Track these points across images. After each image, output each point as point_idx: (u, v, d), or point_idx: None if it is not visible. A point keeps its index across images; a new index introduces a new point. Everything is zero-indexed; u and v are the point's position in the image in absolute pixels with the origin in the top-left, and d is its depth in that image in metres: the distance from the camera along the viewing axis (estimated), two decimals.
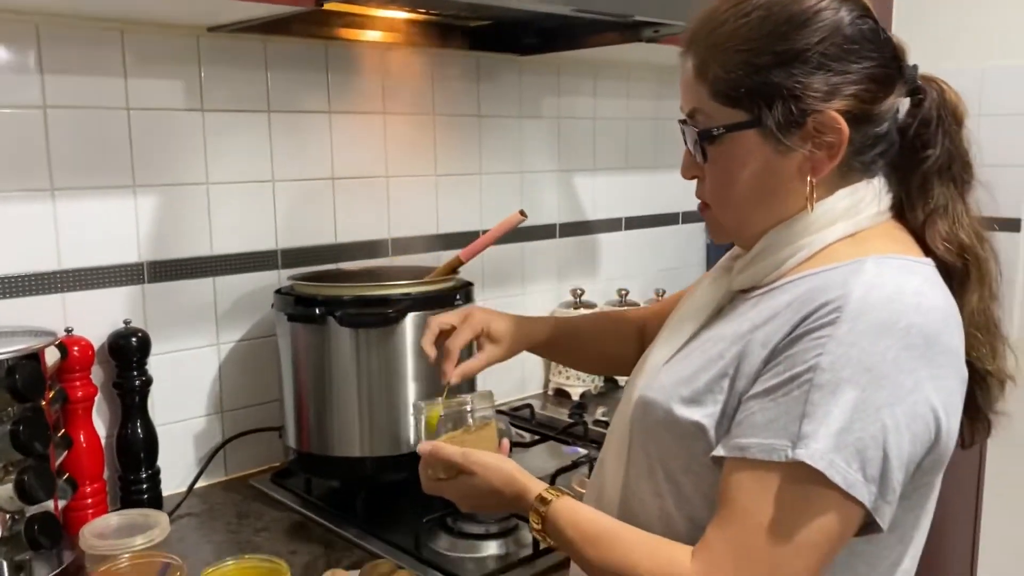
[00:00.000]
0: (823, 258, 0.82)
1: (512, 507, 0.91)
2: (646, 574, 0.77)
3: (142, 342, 1.31)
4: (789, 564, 0.73)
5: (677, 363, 0.87)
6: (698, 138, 0.84)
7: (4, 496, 1.07)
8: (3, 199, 1.22)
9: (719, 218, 0.89)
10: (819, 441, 0.71)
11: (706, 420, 0.80)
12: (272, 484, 1.44)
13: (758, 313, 0.82)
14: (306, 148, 1.53)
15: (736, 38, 0.81)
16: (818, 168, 0.82)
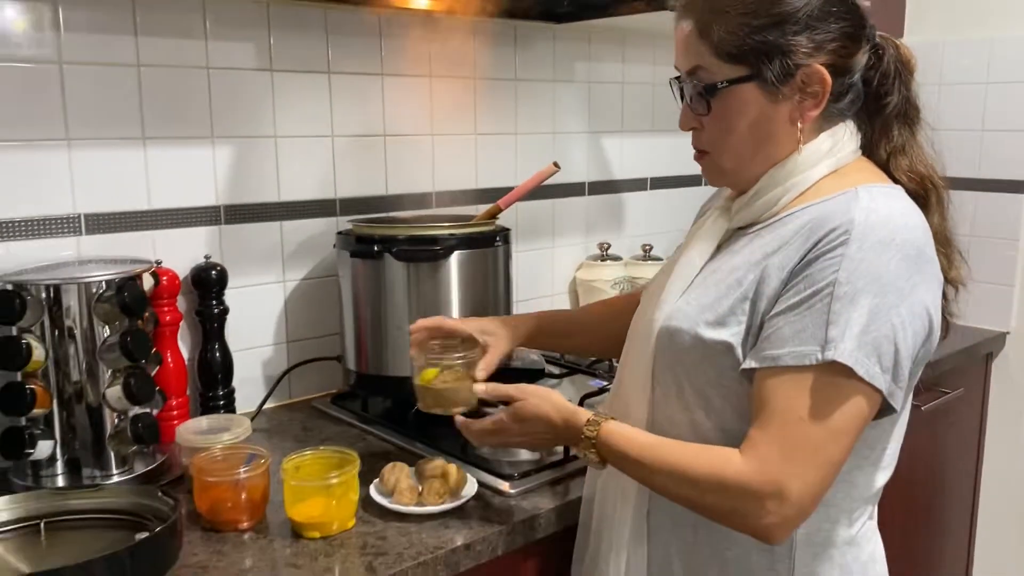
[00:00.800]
0: (814, 192, 0.97)
1: (563, 434, 1.04)
2: (702, 473, 0.91)
3: (220, 275, 1.49)
4: (826, 448, 0.88)
5: (693, 294, 1.00)
6: (703, 92, 0.97)
7: (113, 397, 1.25)
8: (103, 145, 1.39)
9: (719, 163, 1.01)
10: (846, 342, 0.86)
11: (732, 339, 0.94)
12: (332, 405, 1.62)
13: (767, 243, 0.97)
14: (361, 107, 1.69)
15: (736, 3, 0.94)
16: (805, 115, 0.97)
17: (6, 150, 1.30)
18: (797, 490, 0.87)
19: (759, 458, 0.89)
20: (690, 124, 1.02)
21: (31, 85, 1.31)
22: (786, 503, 0.87)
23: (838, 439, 0.88)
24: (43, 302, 1.22)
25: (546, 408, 1.05)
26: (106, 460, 1.27)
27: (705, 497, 0.92)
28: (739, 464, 0.90)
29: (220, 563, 1.06)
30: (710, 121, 0.99)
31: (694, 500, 0.94)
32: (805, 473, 0.88)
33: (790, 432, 0.88)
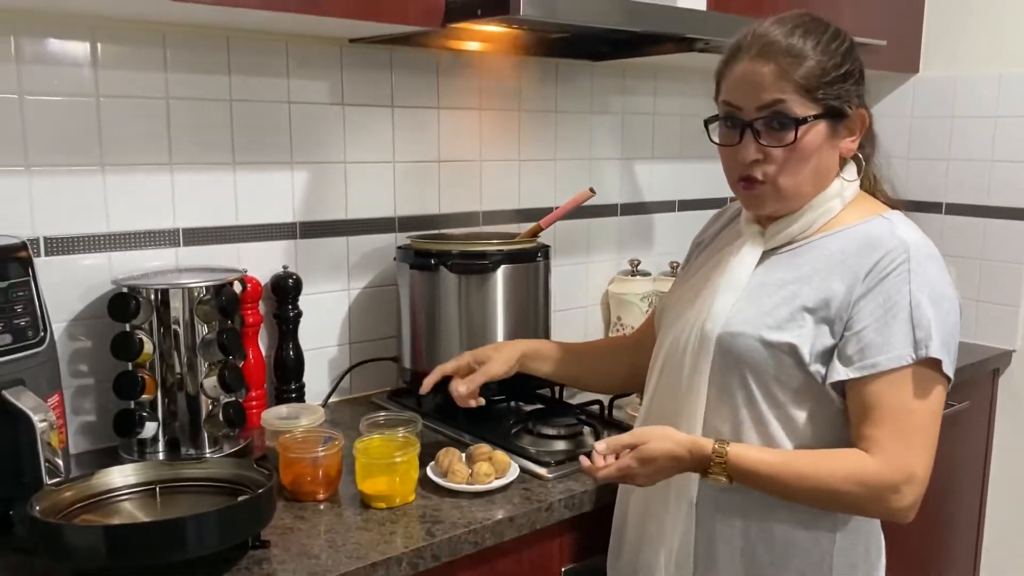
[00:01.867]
0: (839, 219, 1.18)
1: (691, 464, 1.13)
2: (841, 476, 1.07)
3: (296, 283, 1.70)
4: (931, 430, 1.09)
5: (745, 305, 1.16)
6: (789, 123, 1.10)
7: (209, 386, 1.46)
8: (199, 169, 1.61)
9: (779, 190, 1.14)
10: (933, 340, 1.07)
11: (795, 340, 1.11)
12: (388, 400, 1.82)
13: (811, 260, 1.15)
14: (419, 136, 1.90)
15: (826, 53, 1.12)
16: (847, 152, 1.18)
17: (122, 172, 1.53)
18: (922, 470, 1.07)
19: (887, 453, 1.07)
20: (754, 155, 1.13)
21: (143, 117, 1.54)
22: (916, 484, 1.07)
23: (936, 420, 1.09)
24: (152, 303, 1.44)
25: (669, 446, 1.13)
26: (200, 440, 1.48)
27: (844, 496, 1.09)
28: (870, 462, 1.07)
29: (303, 526, 1.26)
30: (785, 152, 1.12)
31: (833, 499, 1.10)
32: (923, 455, 1.08)
33: (903, 424, 1.07)
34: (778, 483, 1.11)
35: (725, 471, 1.11)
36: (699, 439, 1.14)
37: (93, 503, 1.20)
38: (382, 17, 1.43)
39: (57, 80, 1.45)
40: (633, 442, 1.15)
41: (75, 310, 1.51)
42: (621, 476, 1.17)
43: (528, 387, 1.76)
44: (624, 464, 1.15)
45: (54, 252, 1.48)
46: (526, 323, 1.72)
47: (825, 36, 1.14)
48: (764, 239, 1.21)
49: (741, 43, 1.16)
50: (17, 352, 1.21)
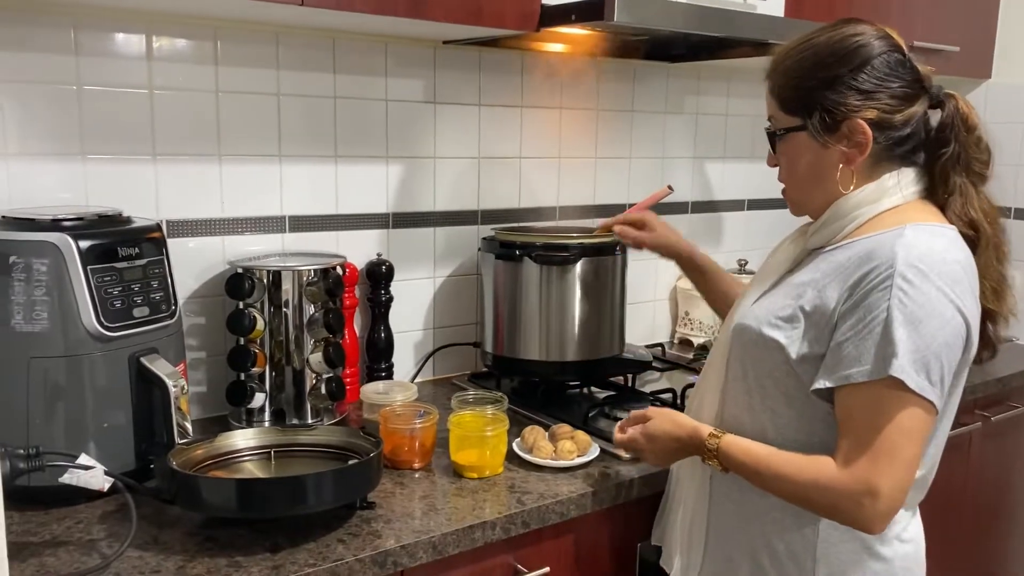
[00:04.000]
0: (874, 225, 1.14)
1: (688, 447, 1.22)
2: (806, 479, 1.09)
3: (389, 270, 1.81)
4: (903, 448, 1.05)
5: (766, 300, 1.20)
6: (772, 136, 1.20)
7: (315, 361, 1.58)
8: (304, 161, 1.73)
9: (790, 194, 1.23)
10: (900, 359, 1.03)
11: (783, 339, 1.13)
12: (469, 383, 1.93)
13: (826, 265, 1.15)
14: (503, 133, 2.00)
15: (795, 67, 1.17)
16: (851, 160, 1.14)
17: (236, 162, 1.66)
18: (887, 486, 1.05)
19: (850, 464, 1.06)
20: (773, 162, 1.25)
21: (256, 111, 1.66)
22: (878, 499, 1.05)
23: (911, 439, 1.05)
24: (265, 284, 1.56)
25: (670, 427, 1.24)
26: (304, 411, 1.61)
27: (810, 499, 1.11)
28: (834, 470, 1.07)
29: (403, 491, 1.37)
30: (780, 160, 1.22)
31: (801, 501, 1.12)
32: (890, 470, 1.05)
33: (870, 439, 1.05)
34: (759, 478, 1.15)
35: (717, 459, 1.19)
36: (700, 426, 1.22)
37: (219, 461, 1.33)
38: (481, 21, 1.53)
39: (183, 76, 1.58)
40: (646, 416, 1.30)
41: (191, 288, 1.65)
42: (629, 446, 1.33)
43: (602, 374, 1.86)
44: (632, 436, 1.31)
45: (175, 234, 1.61)
46: (602, 314, 1.81)
47: (812, 47, 1.16)
48: (805, 239, 1.24)
49: None
50: (153, 323, 1.34)
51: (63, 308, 1.24)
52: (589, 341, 1.79)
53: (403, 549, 1.20)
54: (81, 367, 1.26)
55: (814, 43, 1.16)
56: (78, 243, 1.25)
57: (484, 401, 1.57)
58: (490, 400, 1.57)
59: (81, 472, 1.14)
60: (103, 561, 1.12)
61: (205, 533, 1.21)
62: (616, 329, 1.84)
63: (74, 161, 1.50)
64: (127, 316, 1.30)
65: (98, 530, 1.22)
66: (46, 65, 1.46)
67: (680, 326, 2.40)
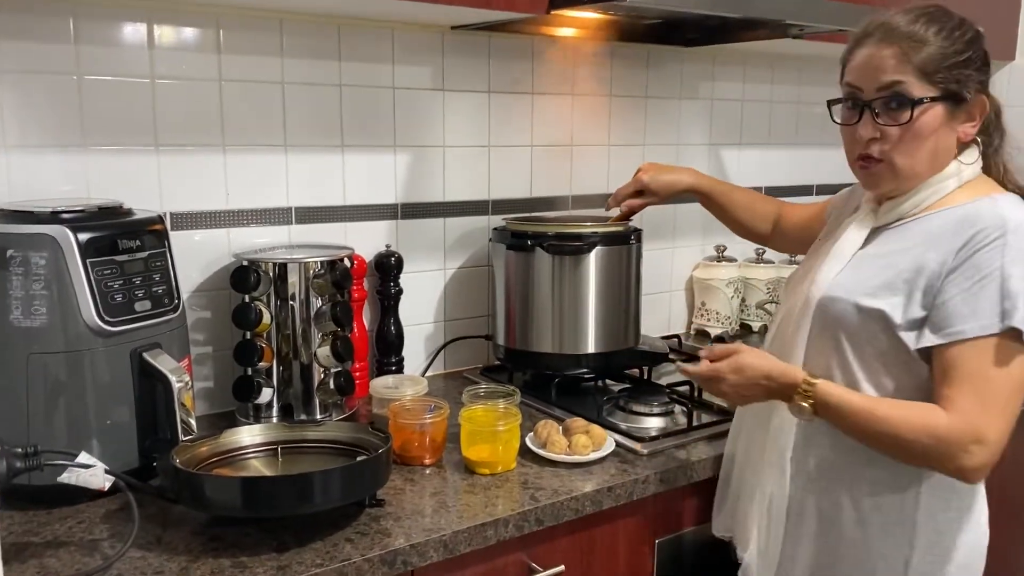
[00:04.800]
0: (949, 199, 1.21)
1: (779, 386, 1.21)
2: (915, 425, 1.12)
3: (398, 262, 1.78)
4: (1011, 399, 1.11)
5: (847, 274, 1.24)
6: (906, 104, 1.16)
7: (323, 355, 1.55)
8: (310, 151, 1.70)
9: (896, 168, 1.19)
10: (1019, 311, 1.09)
11: (886, 307, 1.17)
12: (481, 376, 1.89)
13: (913, 235, 1.20)
14: (513, 121, 1.95)
15: (947, 39, 1.16)
16: (965, 136, 1.21)
17: (241, 153, 1.62)
18: (994, 435, 1.10)
19: (961, 411, 1.10)
20: (871, 133, 1.19)
21: (261, 100, 1.63)
22: (985, 446, 1.10)
23: (1017, 391, 1.12)
24: (271, 276, 1.52)
25: (762, 362, 1.24)
26: (312, 407, 1.57)
27: (916, 446, 1.12)
28: (944, 417, 1.11)
29: (413, 488, 1.33)
30: (902, 131, 1.17)
31: (905, 448, 1.14)
32: (998, 420, 1.10)
33: (980, 388, 1.10)
34: (857, 422, 1.16)
35: (811, 400, 1.18)
36: (792, 366, 1.23)
37: (224, 458, 1.29)
38: (491, 4, 1.49)
39: (185, 65, 1.55)
40: (736, 349, 1.27)
41: (196, 282, 1.61)
42: (711, 377, 1.27)
43: (616, 366, 1.81)
44: (716, 366, 1.26)
45: (179, 227, 1.58)
46: (617, 305, 1.77)
47: (949, 24, 1.18)
48: (876, 216, 1.27)
49: (867, 30, 1.22)
50: (155, 318, 1.30)
51: (62, 302, 1.20)
52: (604, 333, 1.74)
53: (413, 548, 1.16)
54: (82, 363, 1.23)
55: (960, 20, 1.19)
56: (77, 236, 1.21)
57: (496, 395, 1.53)
58: (502, 394, 1.53)
59: (81, 471, 1.11)
60: (105, 562, 1.09)
61: (210, 532, 1.18)
62: (631, 320, 1.80)
63: (75, 153, 1.47)
64: (128, 310, 1.26)
65: (101, 530, 1.19)
66: (45, 55, 1.42)
67: (696, 317, 2.35)
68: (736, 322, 2.32)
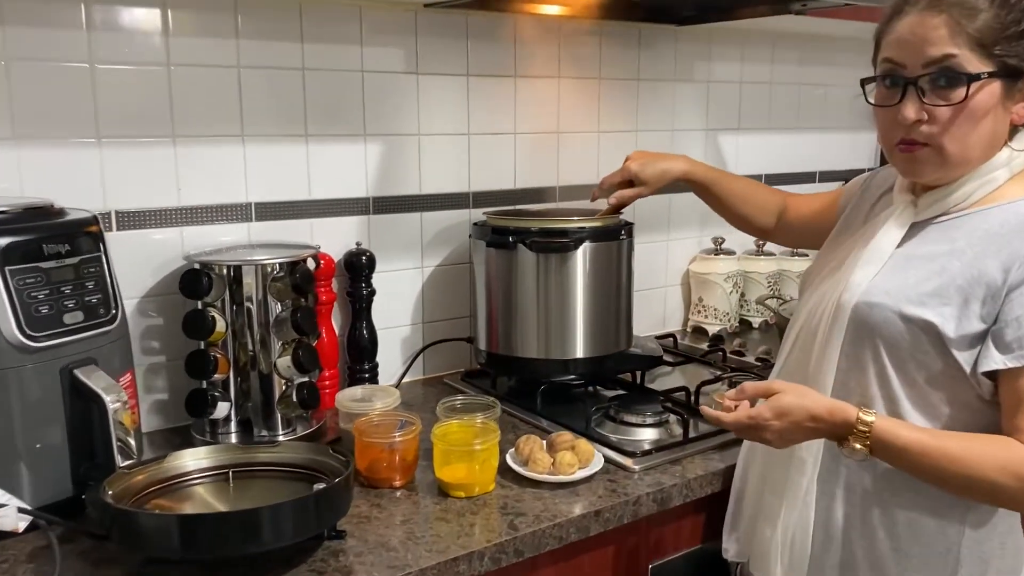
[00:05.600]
0: (1001, 192, 1.07)
1: (829, 427, 1.04)
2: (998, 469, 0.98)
3: (370, 260, 1.64)
4: None
5: (887, 276, 1.09)
6: (961, 79, 1.01)
7: (283, 366, 1.41)
8: (270, 141, 1.56)
9: (945, 153, 1.05)
10: None
11: (936, 318, 1.03)
12: (463, 382, 1.76)
13: (965, 234, 1.06)
14: (494, 107, 1.81)
15: (997, 5, 1.01)
16: (1019, 118, 1.06)
17: (193, 144, 1.48)
18: None
19: None
20: (917, 115, 1.04)
21: (213, 86, 1.48)
22: None
23: None
24: (225, 280, 1.39)
25: (807, 403, 1.05)
26: (273, 422, 1.44)
27: (992, 486, 0.99)
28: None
29: (380, 514, 1.20)
30: (953, 112, 1.03)
31: (979, 488, 1.00)
32: None
33: None
34: (925, 463, 1.02)
35: (867, 442, 1.03)
36: (840, 403, 1.06)
37: (165, 487, 1.16)
38: None
39: (128, 48, 1.40)
40: (775, 388, 1.08)
41: (147, 286, 1.48)
42: (751, 425, 1.08)
43: (607, 372, 1.68)
44: (757, 412, 1.07)
45: (126, 226, 1.44)
46: (608, 305, 1.63)
47: None
48: (916, 209, 1.13)
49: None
50: (89, 330, 1.17)
51: None
52: (593, 336, 1.61)
53: None
54: (5, 382, 1.10)
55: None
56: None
57: (474, 407, 1.40)
58: (481, 406, 1.40)
59: None
60: None
61: (149, 571, 1.05)
62: (623, 322, 1.66)
63: (4, 146, 1.33)
64: (56, 323, 1.13)
65: (24, 570, 1.06)
66: None
67: (693, 313, 2.21)
68: (735, 318, 2.19)
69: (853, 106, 2.48)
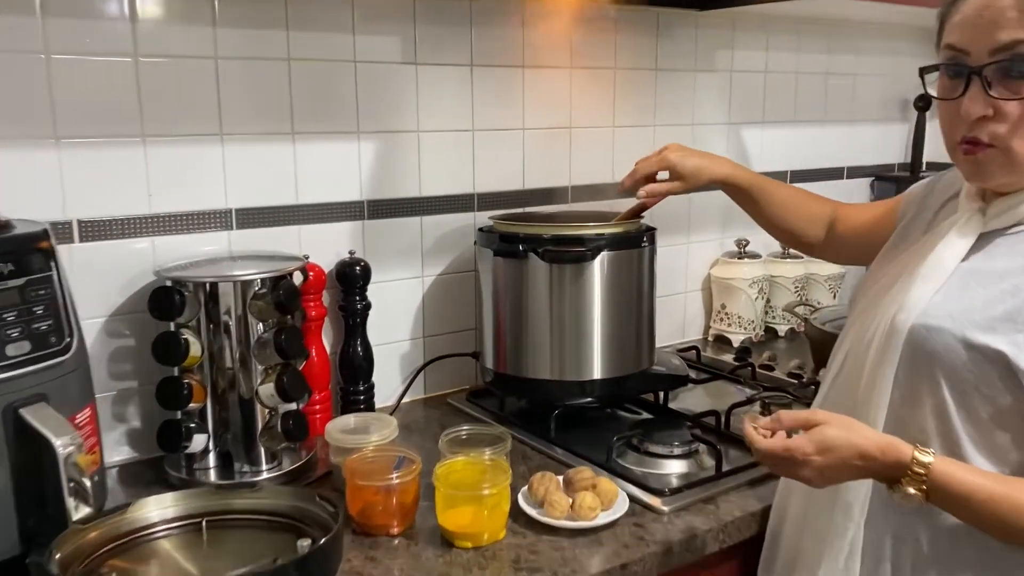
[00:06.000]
0: None
1: (881, 468, 0.90)
2: None
3: (364, 270, 1.48)
4: None
5: (950, 294, 0.95)
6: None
7: (266, 393, 1.26)
8: (252, 140, 1.40)
9: (1012, 156, 0.91)
10: None
11: (1008, 348, 0.88)
12: (468, 403, 1.60)
13: None
14: (501, 100, 1.65)
15: None
16: None
17: (165, 145, 1.32)
18: None
19: None
20: (982, 110, 0.91)
21: (187, 80, 1.33)
22: None
23: None
24: (200, 298, 1.23)
25: (856, 438, 0.90)
26: (256, 455, 1.29)
27: None
28: None
29: (375, 570, 1.05)
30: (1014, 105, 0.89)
31: None
32: None
33: None
34: (990, 514, 0.87)
35: (924, 485, 0.88)
36: (894, 439, 0.91)
37: (127, 543, 1.00)
38: None
39: (89, 38, 1.24)
40: (809, 421, 0.93)
41: (115, 303, 1.33)
42: (787, 459, 0.92)
43: (627, 394, 1.53)
44: (797, 445, 0.92)
45: (90, 237, 1.29)
46: (629, 319, 1.47)
47: None
48: (984, 218, 0.98)
49: None
50: (37, 362, 1.01)
51: None
52: (612, 355, 1.45)
53: None
54: None
55: None
56: None
57: (481, 439, 1.25)
58: (490, 438, 1.25)
59: None
60: None
61: None
62: (645, 338, 1.51)
63: None
64: None
65: None
66: None
67: (715, 321, 2.05)
68: (761, 327, 2.03)
69: (883, 97, 2.32)
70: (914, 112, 2.34)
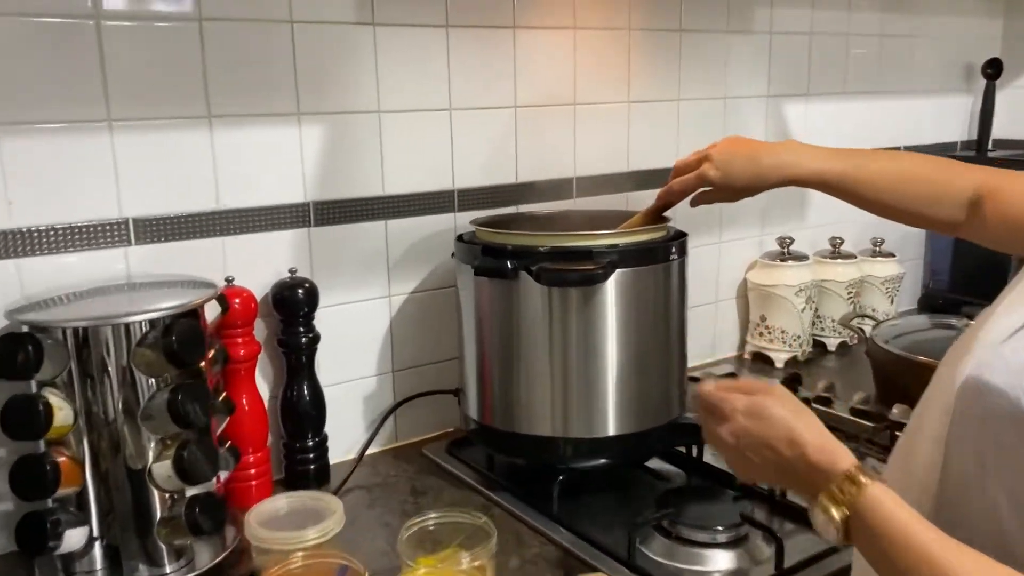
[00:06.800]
0: None
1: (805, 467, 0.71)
2: None
3: (309, 294, 1.15)
4: None
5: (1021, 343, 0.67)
6: None
7: (162, 475, 0.93)
8: (153, 127, 1.06)
9: None
10: None
11: None
12: (449, 456, 1.27)
13: None
14: (487, 70, 1.31)
15: None
16: None
17: (27, 136, 0.98)
18: None
19: None
20: None
21: (61, 48, 0.98)
22: None
23: None
24: (68, 348, 0.90)
25: (796, 423, 0.72)
26: (156, 551, 0.96)
27: None
28: None
29: None
30: None
31: None
32: None
33: None
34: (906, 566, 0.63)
35: (845, 508, 0.66)
36: (841, 446, 0.71)
37: None
38: None
39: None
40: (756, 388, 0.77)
41: None
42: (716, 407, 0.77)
43: (649, 451, 1.19)
44: (731, 397, 0.77)
45: None
46: (652, 357, 1.13)
47: None
48: None
49: None
50: None
51: None
52: (631, 405, 1.11)
53: None
54: None
55: None
56: None
57: (455, 530, 0.92)
58: (468, 529, 0.92)
59: None
60: None
61: None
62: (674, 382, 1.16)
63: None
64: None
65: None
66: None
67: (753, 336, 1.71)
68: (808, 342, 1.69)
69: (944, 62, 1.97)
70: (981, 80, 1.99)
